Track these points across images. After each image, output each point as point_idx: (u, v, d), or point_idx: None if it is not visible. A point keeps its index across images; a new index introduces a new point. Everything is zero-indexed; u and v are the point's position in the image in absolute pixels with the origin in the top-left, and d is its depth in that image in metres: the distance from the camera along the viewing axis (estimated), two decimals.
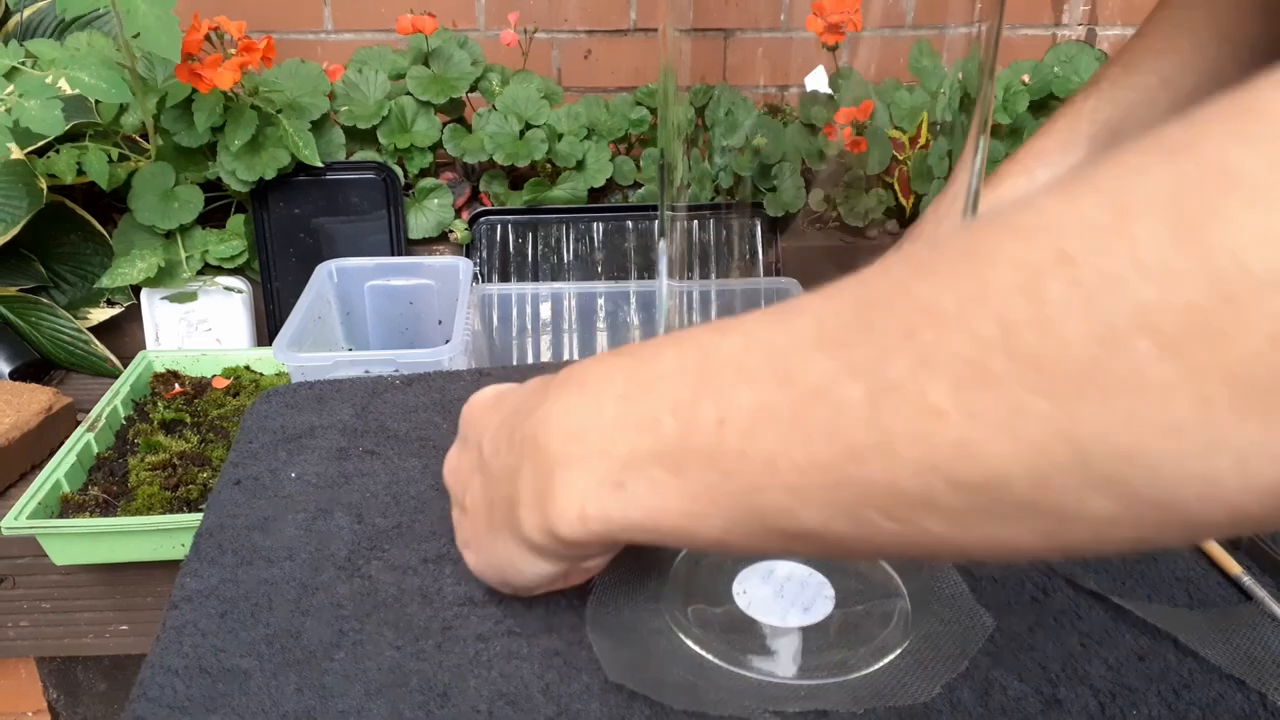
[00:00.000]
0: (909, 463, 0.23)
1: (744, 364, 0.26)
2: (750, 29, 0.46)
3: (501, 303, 1.00)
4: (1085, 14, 1.30)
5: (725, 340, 0.27)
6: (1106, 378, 0.19)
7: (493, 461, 0.35)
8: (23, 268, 1.01)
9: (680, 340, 0.29)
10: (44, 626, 0.80)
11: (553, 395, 0.32)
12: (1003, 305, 0.20)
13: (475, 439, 0.37)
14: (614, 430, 0.29)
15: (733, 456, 0.26)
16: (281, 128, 1.00)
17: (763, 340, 0.26)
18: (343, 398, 0.62)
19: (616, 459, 0.29)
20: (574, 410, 0.31)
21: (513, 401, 0.36)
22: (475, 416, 0.39)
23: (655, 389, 0.29)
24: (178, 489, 0.76)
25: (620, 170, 1.10)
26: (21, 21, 1.06)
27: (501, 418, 0.36)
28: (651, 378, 0.29)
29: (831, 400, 0.24)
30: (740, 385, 0.26)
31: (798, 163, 0.93)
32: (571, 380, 0.32)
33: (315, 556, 0.46)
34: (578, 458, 0.30)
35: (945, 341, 0.21)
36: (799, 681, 0.39)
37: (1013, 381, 0.20)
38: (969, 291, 0.21)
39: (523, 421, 0.33)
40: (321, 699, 0.38)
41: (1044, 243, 0.20)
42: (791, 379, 0.25)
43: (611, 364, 0.31)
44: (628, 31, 1.26)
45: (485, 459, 0.36)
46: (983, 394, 0.21)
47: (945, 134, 0.49)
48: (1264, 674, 0.39)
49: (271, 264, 1.05)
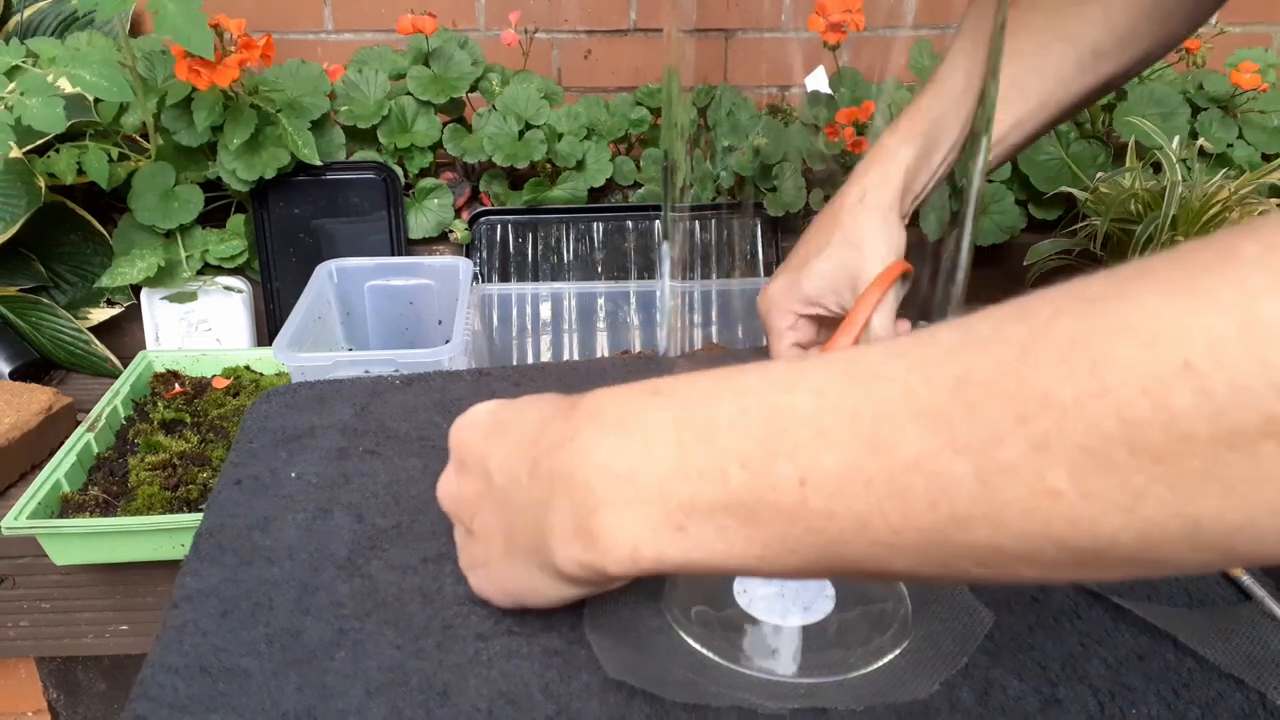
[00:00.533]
0: (1016, 531, 0.24)
1: (824, 427, 0.27)
2: (752, 29, 0.46)
3: (501, 303, 1.00)
4: None
5: (793, 398, 0.28)
6: (1229, 472, 0.21)
7: (511, 491, 0.35)
8: (23, 267, 1.01)
9: (734, 388, 0.30)
10: (44, 626, 0.80)
11: (586, 431, 0.32)
12: (1126, 406, 0.21)
13: (478, 465, 0.37)
14: (672, 476, 0.30)
15: (817, 515, 0.27)
16: (281, 127, 1.00)
17: (842, 404, 0.26)
18: (343, 398, 0.62)
19: (676, 504, 0.30)
20: (619, 451, 0.31)
21: (522, 430, 0.36)
22: (471, 441, 0.39)
23: (715, 439, 0.29)
24: (178, 489, 0.76)
25: (620, 170, 1.10)
26: (22, 21, 1.06)
27: (511, 446, 0.36)
28: (707, 426, 0.29)
29: (933, 473, 0.24)
30: (823, 449, 0.26)
31: (799, 163, 0.92)
32: (606, 417, 0.32)
33: (315, 556, 0.46)
34: (629, 500, 0.31)
35: (1063, 431, 0.22)
36: (799, 680, 0.39)
37: (1133, 471, 0.22)
38: (1088, 388, 0.22)
39: (550, 454, 0.33)
40: (322, 698, 0.38)
41: (1166, 354, 0.21)
42: (885, 448, 0.25)
43: (649, 403, 0.32)
44: (628, 31, 1.26)
45: (499, 487, 0.36)
46: (1102, 480, 0.22)
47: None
48: (1263, 673, 0.39)
49: (271, 264, 1.05)
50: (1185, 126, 1.07)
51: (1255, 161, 1.07)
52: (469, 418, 0.40)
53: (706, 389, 0.31)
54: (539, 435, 0.35)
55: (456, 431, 0.40)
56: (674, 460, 0.30)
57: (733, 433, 0.29)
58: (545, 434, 0.34)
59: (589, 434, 0.32)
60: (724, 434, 0.29)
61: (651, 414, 0.31)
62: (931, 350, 0.25)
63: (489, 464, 0.37)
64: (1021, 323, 0.24)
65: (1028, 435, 0.23)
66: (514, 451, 0.35)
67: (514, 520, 0.36)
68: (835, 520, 0.27)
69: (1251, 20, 1.31)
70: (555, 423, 0.34)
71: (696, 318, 0.54)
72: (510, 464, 0.35)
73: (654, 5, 1.24)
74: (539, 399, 0.38)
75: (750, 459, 0.28)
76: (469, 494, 0.38)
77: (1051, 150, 1.08)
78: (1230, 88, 1.09)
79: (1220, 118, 1.09)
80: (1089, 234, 0.94)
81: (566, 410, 0.34)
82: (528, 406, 0.38)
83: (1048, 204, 1.09)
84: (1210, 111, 1.09)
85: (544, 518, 0.33)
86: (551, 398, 0.37)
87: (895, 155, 0.50)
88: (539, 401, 0.37)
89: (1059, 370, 0.22)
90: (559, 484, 0.33)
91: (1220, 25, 1.24)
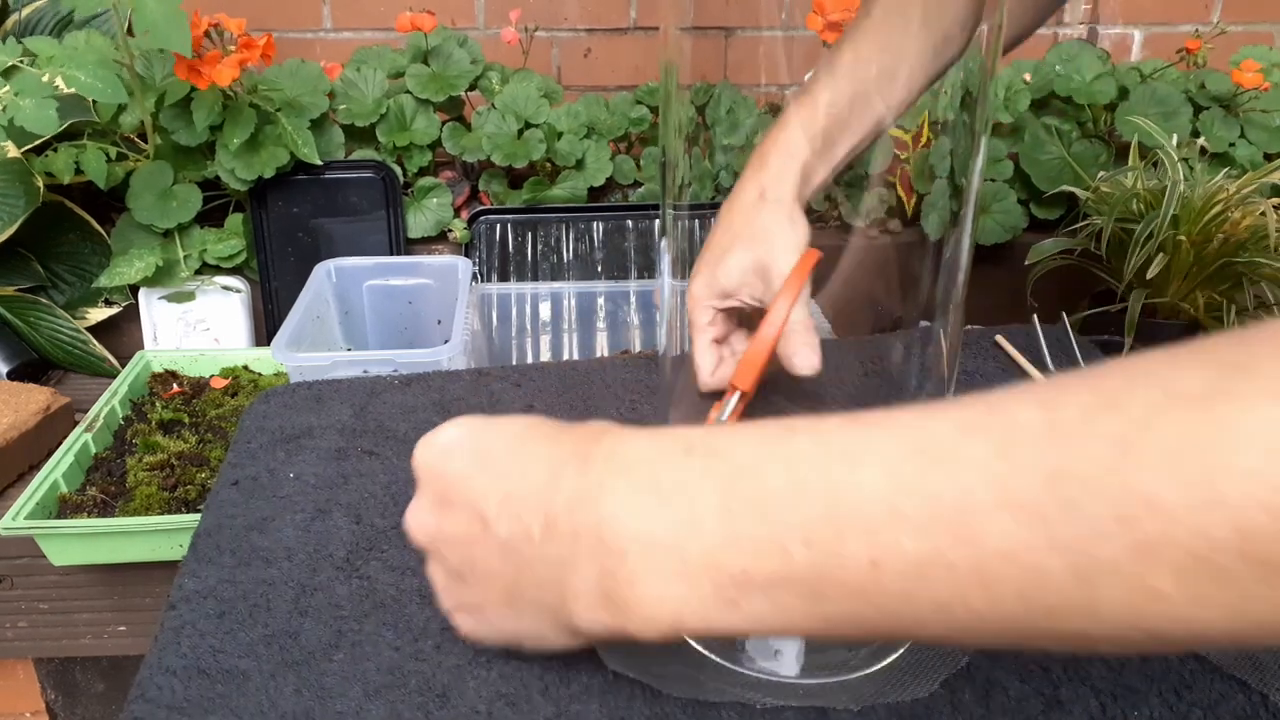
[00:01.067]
0: (1109, 623, 0.24)
1: (899, 508, 0.26)
2: (751, 27, 0.46)
3: (501, 302, 1.00)
4: (1086, 13, 1.30)
5: (860, 474, 0.26)
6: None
7: (519, 545, 0.33)
8: (21, 267, 1.01)
9: (785, 456, 0.28)
10: (42, 627, 0.80)
11: (614, 490, 0.31)
12: (1243, 517, 0.21)
13: (466, 504, 0.34)
14: (722, 549, 0.28)
15: (891, 596, 0.26)
16: (280, 126, 1.00)
17: (919, 486, 0.25)
18: (341, 398, 0.62)
19: (728, 578, 0.28)
20: (656, 517, 0.29)
21: (524, 473, 0.33)
22: (452, 474, 0.35)
23: (770, 512, 0.28)
24: (176, 489, 0.76)
25: (620, 169, 1.09)
26: (20, 20, 1.05)
27: (512, 490, 0.33)
28: (758, 496, 0.28)
29: (1026, 566, 0.24)
30: (900, 532, 0.25)
31: None
32: (637, 476, 0.30)
33: (313, 557, 0.46)
34: (672, 572, 0.29)
35: (1170, 536, 0.22)
36: (799, 680, 0.39)
37: (1246, 579, 0.21)
38: (1201, 496, 0.22)
39: (570, 512, 0.31)
40: (320, 700, 0.37)
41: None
42: (972, 537, 0.24)
43: (685, 464, 0.30)
44: (628, 30, 1.25)
45: (501, 537, 0.33)
46: (1209, 585, 0.22)
47: (947, 133, 0.49)
48: (1265, 674, 0.38)
49: (270, 263, 1.04)
50: (1187, 126, 1.07)
51: (1257, 161, 1.07)
52: (441, 443, 0.37)
53: (752, 453, 0.29)
54: (550, 485, 0.32)
55: (428, 457, 0.37)
56: (723, 531, 0.28)
57: (791, 506, 0.27)
58: (558, 485, 0.32)
59: (618, 494, 0.30)
60: (780, 506, 0.27)
61: (690, 477, 0.29)
62: (1015, 433, 0.25)
63: (483, 507, 0.34)
64: (1114, 414, 0.23)
65: (1131, 537, 0.22)
66: (518, 499, 0.33)
67: (522, 574, 0.33)
68: (912, 603, 0.26)
69: (1253, 19, 1.30)
70: (569, 473, 0.32)
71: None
72: (514, 513, 0.33)
73: (654, 4, 1.24)
74: (529, 428, 0.35)
75: (815, 536, 0.27)
76: (455, 534, 0.35)
77: (1053, 149, 1.08)
78: (1232, 87, 1.09)
79: (1222, 117, 1.08)
80: (1090, 233, 0.93)
81: (580, 459, 0.32)
82: (521, 440, 0.35)
83: (1049, 203, 1.09)
84: (1212, 111, 1.09)
85: (563, 578, 0.32)
86: (548, 432, 0.35)
87: (790, 149, 0.51)
88: (534, 436, 0.35)
89: (1166, 474, 0.22)
90: (583, 546, 0.31)
91: (1222, 24, 1.24)
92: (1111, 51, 1.18)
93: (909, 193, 0.51)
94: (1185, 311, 0.91)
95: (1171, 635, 0.23)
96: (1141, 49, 1.32)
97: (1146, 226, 0.87)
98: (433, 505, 0.36)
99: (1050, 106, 1.12)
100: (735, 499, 0.28)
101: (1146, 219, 0.88)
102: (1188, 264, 0.89)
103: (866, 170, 0.56)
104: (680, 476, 0.30)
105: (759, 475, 0.28)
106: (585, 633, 0.32)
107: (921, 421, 0.27)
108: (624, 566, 0.30)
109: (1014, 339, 0.68)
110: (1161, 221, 0.86)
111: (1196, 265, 0.89)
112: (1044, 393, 0.25)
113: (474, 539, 0.34)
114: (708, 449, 0.30)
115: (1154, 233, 0.86)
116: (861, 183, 0.57)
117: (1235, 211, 0.86)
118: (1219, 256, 0.87)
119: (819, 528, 0.27)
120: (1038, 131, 1.09)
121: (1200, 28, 1.28)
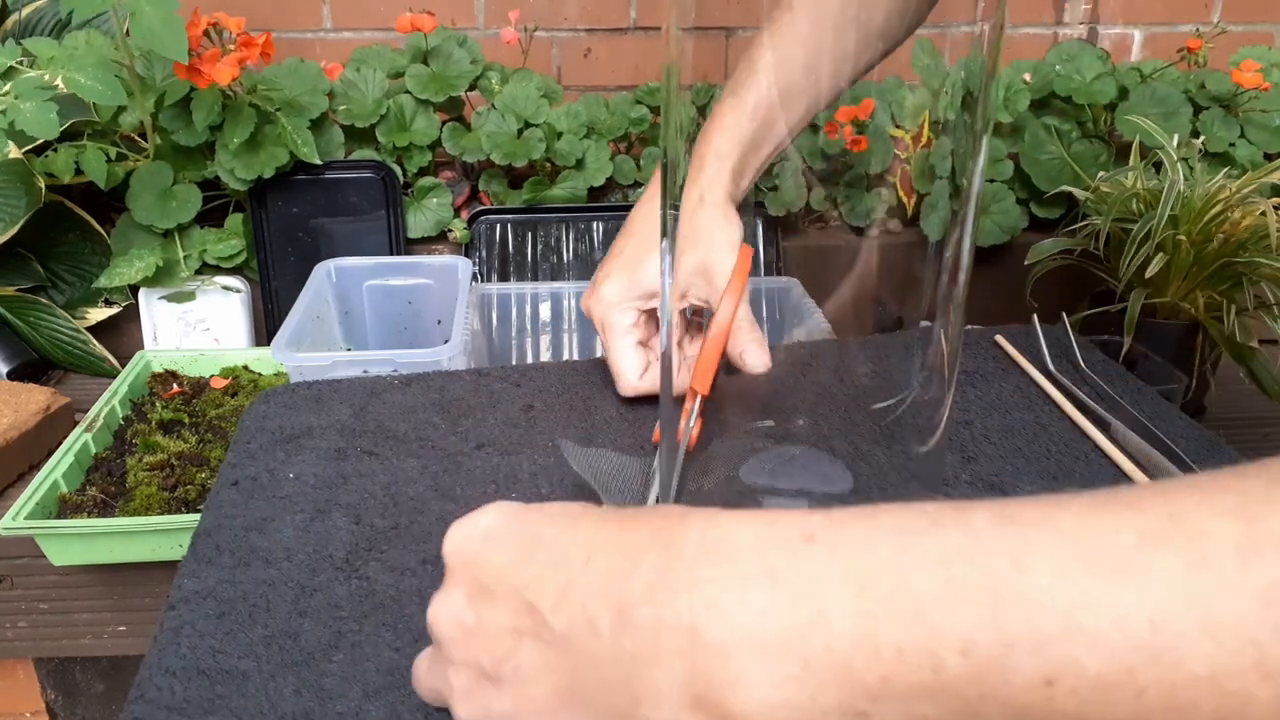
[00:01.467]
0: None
1: (1080, 623, 0.23)
2: (752, 27, 0.46)
3: (501, 302, 1.00)
4: (1086, 13, 1.30)
5: (1028, 578, 0.24)
6: None
7: (581, 639, 0.29)
8: (21, 267, 1.01)
9: (934, 550, 0.25)
10: (42, 627, 0.80)
11: (713, 579, 0.27)
12: None
13: (514, 594, 0.30)
14: (856, 653, 0.25)
15: (1066, 716, 0.24)
16: (280, 126, 0.99)
17: (1103, 599, 0.23)
18: (341, 398, 0.62)
19: (861, 688, 0.25)
20: (769, 613, 0.26)
21: (591, 560, 0.30)
22: (493, 562, 0.32)
23: (919, 614, 0.25)
24: (176, 489, 0.76)
25: (620, 169, 1.09)
26: (20, 20, 1.05)
27: (574, 579, 0.29)
28: (902, 595, 0.25)
29: (1228, 693, 0.22)
30: (1081, 649, 0.23)
31: (798, 161, 0.92)
32: (745, 566, 0.27)
33: (313, 557, 0.46)
34: (788, 677, 0.25)
35: None
36: None
37: None
38: None
39: (653, 600, 0.27)
40: (320, 700, 0.37)
41: None
42: (1168, 660, 0.22)
43: (808, 554, 0.27)
44: (628, 30, 1.25)
45: (559, 631, 0.29)
46: None
47: (947, 133, 0.49)
48: None
49: (270, 263, 1.04)
50: (1187, 126, 1.07)
51: (1257, 161, 1.07)
52: (479, 529, 0.33)
53: (891, 544, 0.26)
54: (622, 573, 0.29)
55: (465, 544, 0.33)
56: (859, 634, 0.25)
57: (946, 609, 0.24)
58: (634, 573, 0.28)
59: (718, 584, 0.27)
60: (932, 609, 0.24)
61: (814, 569, 0.26)
62: (1206, 543, 0.23)
63: (536, 597, 0.30)
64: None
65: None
66: (582, 588, 0.29)
67: (582, 674, 0.29)
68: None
69: (1253, 19, 1.30)
70: (648, 559, 0.28)
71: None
72: (577, 604, 0.29)
73: (654, 3, 1.24)
74: (584, 512, 0.32)
75: (975, 645, 0.24)
76: (496, 629, 0.31)
77: (1053, 149, 1.08)
78: (1232, 87, 1.09)
79: (1222, 117, 1.08)
80: (1090, 233, 0.93)
81: (663, 543, 0.29)
82: (576, 524, 0.32)
83: (1049, 203, 1.09)
84: (1212, 111, 1.09)
85: (640, 677, 0.27)
86: (607, 515, 0.31)
87: (721, 152, 0.54)
88: (591, 520, 0.32)
89: None
90: (668, 642, 0.27)
91: (1222, 24, 1.24)
92: (1111, 51, 1.18)
93: (909, 193, 0.51)
94: (1185, 311, 0.91)
95: None
96: (1141, 49, 1.32)
97: (1144, 226, 0.87)
98: (470, 597, 0.32)
99: (1050, 106, 1.12)
100: (873, 597, 0.25)
101: (1145, 218, 0.88)
102: (1188, 264, 0.89)
103: (866, 170, 0.56)
104: (802, 568, 0.26)
105: (902, 571, 0.25)
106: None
107: (1089, 525, 0.24)
108: (725, 668, 0.26)
109: (1014, 339, 0.68)
110: (1159, 221, 0.86)
111: (1196, 265, 0.89)
112: (1226, 499, 0.23)
113: (522, 633, 0.30)
114: (834, 538, 0.27)
115: (1151, 232, 0.86)
116: (861, 183, 0.57)
117: (1235, 211, 0.86)
118: (1219, 256, 0.87)
119: (981, 636, 0.24)
120: (1038, 131, 1.09)
121: (1200, 27, 1.28)
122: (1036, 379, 0.63)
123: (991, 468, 0.54)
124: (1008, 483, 0.52)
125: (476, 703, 0.32)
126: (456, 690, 0.32)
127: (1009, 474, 0.53)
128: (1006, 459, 0.55)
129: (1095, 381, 0.63)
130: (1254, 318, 0.90)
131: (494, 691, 0.31)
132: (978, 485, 0.53)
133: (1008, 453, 0.55)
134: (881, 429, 0.56)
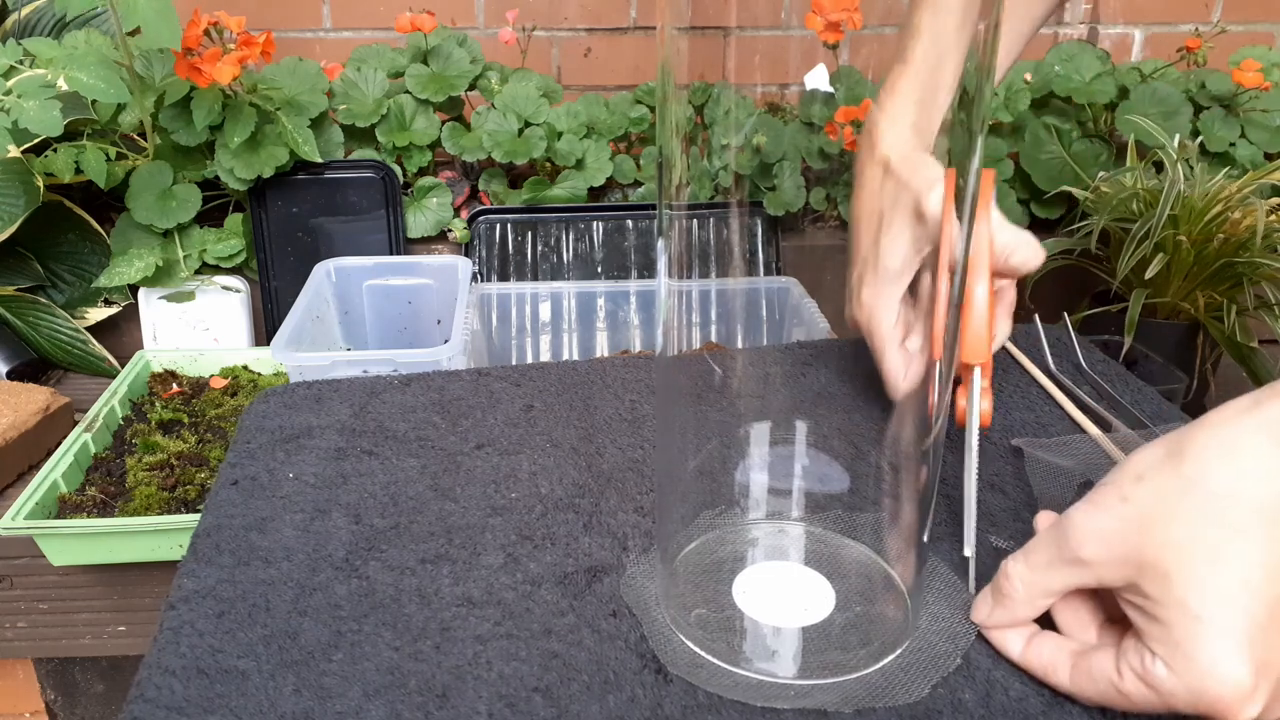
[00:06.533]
0: None
1: None
2: (750, 27, 0.46)
3: (501, 302, 1.00)
4: (1087, 12, 1.30)
5: None
6: None
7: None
8: (20, 267, 1.01)
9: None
10: (41, 627, 0.80)
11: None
12: None
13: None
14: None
15: None
16: (280, 125, 0.99)
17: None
18: (341, 398, 0.62)
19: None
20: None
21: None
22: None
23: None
24: (175, 489, 0.76)
25: (620, 169, 1.09)
26: (19, 20, 1.05)
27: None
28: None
29: None
30: None
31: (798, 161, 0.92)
32: None
33: (313, 557, 0.46)
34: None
35: None
36: (794, 681, 0.39)
37: None
38: None
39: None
40: (319, 700, 0.37)
41: None
42: None
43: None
44: (627, 29, 1.25)
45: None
46: None
47: (944, 132, 0.49)
48: None
49: (270, 263, 1.04)
50: (1187, 126, 1.07)
51: (1258, 161, 1.07)
52: (1234, 687, 0.32)
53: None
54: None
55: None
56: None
57: None
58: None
59: None
60: None
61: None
62: None
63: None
64: None
65: None
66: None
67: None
68: None
69: (1254, 19, 1.30)
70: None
71: (695, 317, 0.54)
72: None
73: (654, 3, 1.24)
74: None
75: None
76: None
77: (1053, 149, 1.08)
78: (1232, 87, 1.09)
79: (1222, 117, 1.08)
80: (1090, 233, 0.93)
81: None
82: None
83: (1049, 203, 1.09)
84: (1212, 110, 1.09)
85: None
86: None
87: (897, 116, 0.52)
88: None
89: None
90: None
91: (1222, 24, 1.24)
92: (1112, 51, 1.18)
93: None
94: (1185, 311, 0.91)
95: None
96: (1142, 49, 1.32)
97: (1144, 226, 0.87)
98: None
99: (1050, 106, 1.12)
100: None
101: (1144, 218, 0.88)
102: (1188, 264, 0.89)
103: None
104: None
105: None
106: None
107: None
108: None
109: (1015, 338, 0.68)
110: (1159, 221, 0.86)
111: (1197, 265, 0.89)
112: None
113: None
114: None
115: (1151, 232, 0.86)
116: None
117: (1235, 211, 0.86)
118: (1219, 256, 0.87)
119: None
120: (1038, 131, 1.08)
121: (1201, 27, 1.28)
122: (1038, 378, 0.63)
123: (992, 467, 0.54)
124: (1008, 483, 0.52)
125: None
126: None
127: (1009, 474, 0.53)
128: (1007, 459, 0.55)
129: (1096, 381, 0.63)
130: (1254, 318, 0.90)
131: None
132: (977, 485, 0.52)
133: (1008, 452, 0.55)
134: (881, 429, 0.56)
